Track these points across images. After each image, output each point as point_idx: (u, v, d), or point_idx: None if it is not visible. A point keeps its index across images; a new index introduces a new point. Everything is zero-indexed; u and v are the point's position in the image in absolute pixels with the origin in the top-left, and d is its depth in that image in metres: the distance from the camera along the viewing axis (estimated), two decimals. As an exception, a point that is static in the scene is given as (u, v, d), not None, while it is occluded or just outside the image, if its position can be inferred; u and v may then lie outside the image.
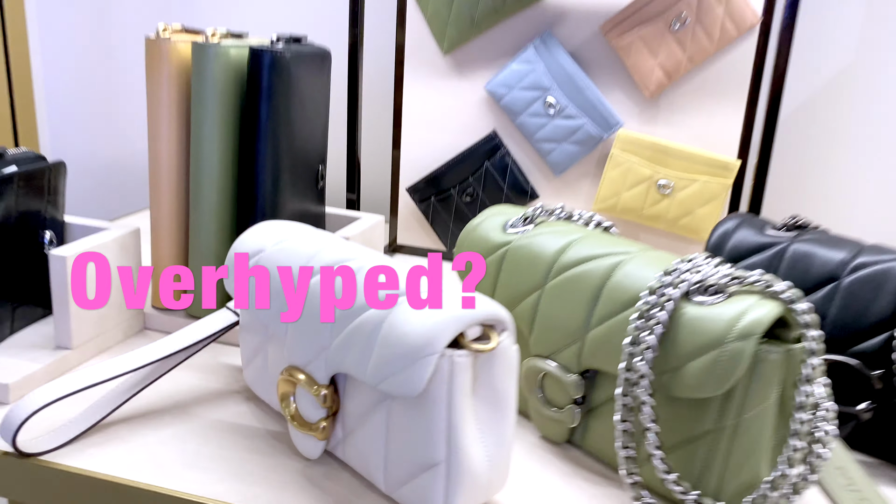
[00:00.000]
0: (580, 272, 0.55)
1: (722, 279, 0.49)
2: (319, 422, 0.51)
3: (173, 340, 0.58)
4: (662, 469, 0.48)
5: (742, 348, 0.45)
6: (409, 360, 0.43)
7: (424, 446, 0.44)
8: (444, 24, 0.92)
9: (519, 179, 0.95)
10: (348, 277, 0.49)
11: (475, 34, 0.92)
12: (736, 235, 0.65)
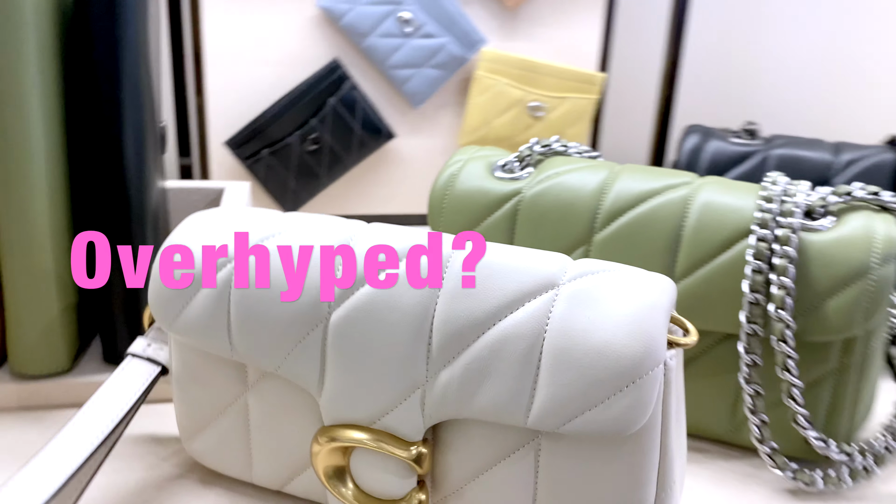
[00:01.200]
0: (644, 214, 0.44)
1: (828, 198, 0.42)
2: (410, 496, 0.34)
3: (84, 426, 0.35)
4: (806, 426, 0.41)
5: (888, 273, 0.40)
6: (625, 382, 0.29)
7: (626, 492, 0.31)
8: (261, -79, 0.71)
9: (371, 117, 0.79)
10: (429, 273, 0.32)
11: (301, -65, 0.72)
12: (709, 148, 0.59)
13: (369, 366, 0.33)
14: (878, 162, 0.56)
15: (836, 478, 0.42)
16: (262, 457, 0.38)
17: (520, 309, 0.31)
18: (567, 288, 0.31)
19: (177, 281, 0.35)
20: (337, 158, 0.79)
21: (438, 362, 0.32)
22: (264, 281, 0.34)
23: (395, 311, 0.32)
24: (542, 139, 0.50)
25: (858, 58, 0.96)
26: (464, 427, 0.33)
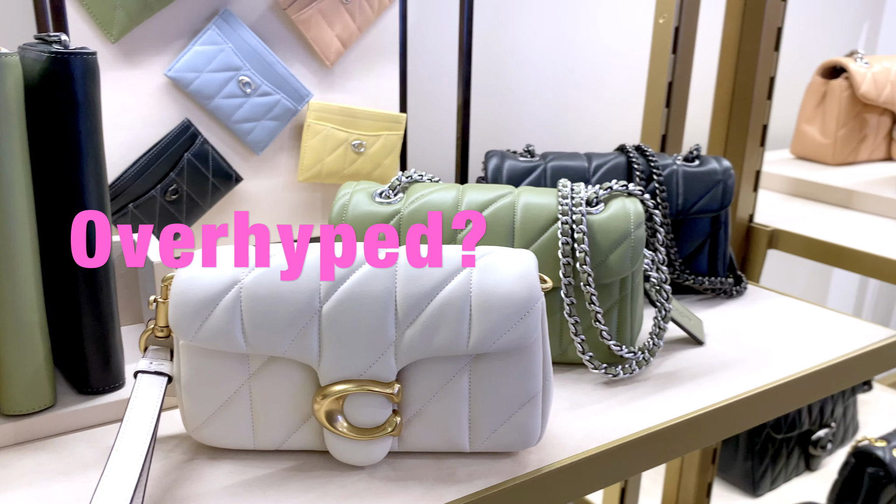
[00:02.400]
0: (489, 215, 0.64)
1: (598, 192, 0.66)
2: (390, 419, 0.50)
3: (133, 436, 0.47)
4: (607, 338, 0.64)
5: (641, 233, 0.64)
6: (521, 314, 0.48)
7: (525, 384, 0.51)
8: (112, 7, 0.80)
9: (222, 165, 0.91)
10: (387, 271, 0.49)
11: (147, 16, 0.83)
12: (506, 166, 0.81)
13: (355, 336, 0.49)
14: (616, 164, 0.82)
15: (629, 368, 0.65)
16: (263, 426, 0.52)
17: (451, 281, 0.49)
18: (478, 263, 0.50)
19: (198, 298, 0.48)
20: (194, 204, 0.90)
21: (404, 324, 0.49)
22: (268, 292, 0.49)
23: (368, 296, 0.49)
24: (404, 172, 0.68)
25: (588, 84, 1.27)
26: (420, 366, 0.50)
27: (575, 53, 1.23)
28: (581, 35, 1.23)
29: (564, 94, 1.24)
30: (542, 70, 1.21)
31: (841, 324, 0.77)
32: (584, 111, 1.27)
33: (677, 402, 0.61)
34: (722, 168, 0.82)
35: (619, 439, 0.56)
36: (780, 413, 0.65)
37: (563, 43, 1.22)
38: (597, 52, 1.25)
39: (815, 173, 1.32)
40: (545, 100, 1.23)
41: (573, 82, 1.25)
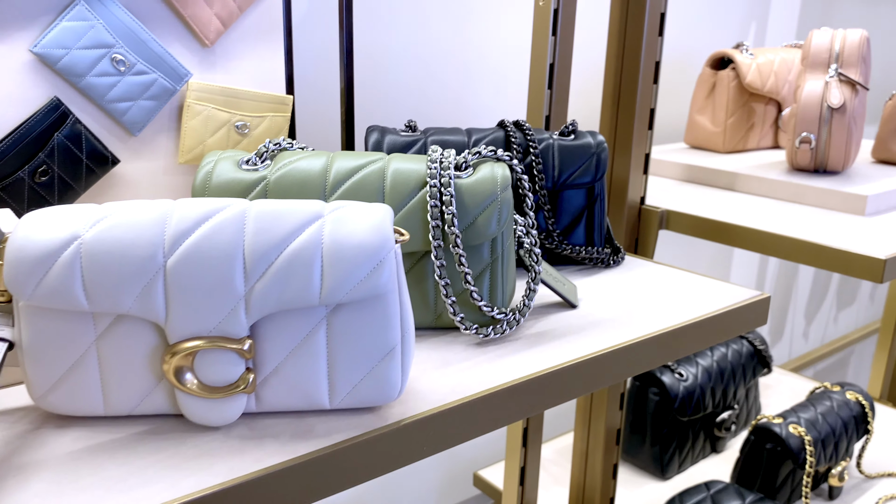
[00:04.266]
0: (357, 181, 0.64)
1: (467, 157, 0.66)
2: (243, 376, 0.49)
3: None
4: (477, 299, 0.65)
5: (507, 196, 0.65)
6: (374, 262, 0.48)
7: (383, 335, 0.51)
8: (-32, -24, 0.76)
9: (97, 146, 0.88)
10: (234, 223, 0.48)
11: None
12: (387, 140, 0.81)
13: (203, 291, 0.47)
14: (494, 138, 0.84)
15: (500, 329, 0.66)
16: (113, 390, 0.50)
17: (303, 233, 0.49)
18: (330, 216, 0.50)
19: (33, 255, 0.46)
20: (67, 186, 0.87)
21: (253, 277, 0.48)
22: (109, 246, 0.47)
23: (214, 250, 0.48)
24: (273, 139, 0.67)
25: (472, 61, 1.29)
26: (276, 321, 0.50)
27: (463, 35, 1.25)
28: (468, 15, 1.25)
29: (451, 76, 1.26)
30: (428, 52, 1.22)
31: (710, 287, 0.81)
32: (469, 93, 1.28)
33: (544, 357, 0.63)
34: (596, 142, 0.84)
35: (482, 392, 0.56)
36: (643, 368, 0.67)
37: (451, 24, 1.23)
38: (483, 33, 1.27)
39: (706, 160, 1.37)
40: (432, 81, 1.24)
41: (459, 64, 1.26)
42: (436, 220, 0.63)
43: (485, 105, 1.31)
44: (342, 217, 0.50)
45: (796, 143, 1.17)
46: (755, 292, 0.79)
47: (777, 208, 1.12)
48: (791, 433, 1.42)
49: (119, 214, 0.48)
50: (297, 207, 0.50)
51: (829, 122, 1.14)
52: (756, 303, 0.78)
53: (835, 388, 1.61)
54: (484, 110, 1.31)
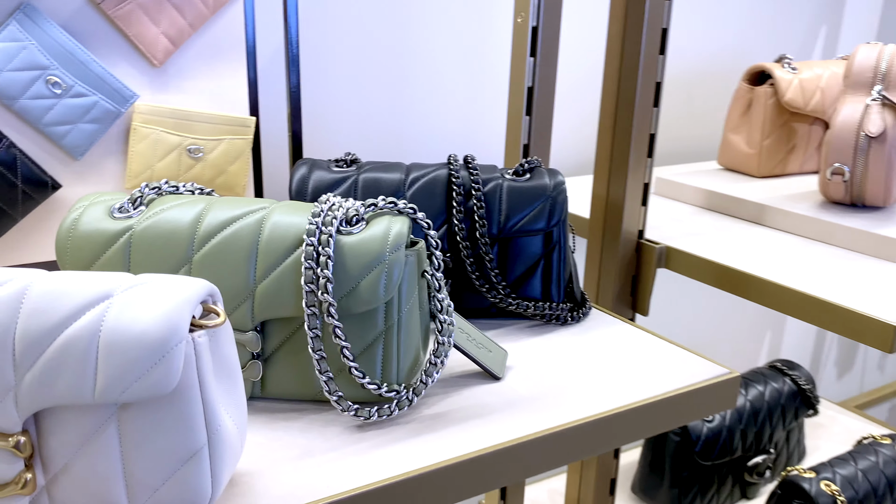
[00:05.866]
0: (228, 235, 0.57)
1: (360, 209, 0.58)
2: (19, 476, 0.43)
3: None
4: (359, 376, 0.56)
5: (398, 257, 0.56)
6: (157, 357, 0.41)
7: (183, 437, 0.43)
8: None
9: (34, 171, 0.84)
10: (9, 303, 0.42)
11: (-68, 10, 0.77)
12: (313, 177, 0.74)
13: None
14: (435, 177, 0.74)
15: (387, 409, 0.57)
16: None
17: (81, 317, 0.42)
18: (120, 297, 0.43)
19: None
20: (3, 213, 0.84)
21: (22, 368, 0.42)
22: None
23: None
24: (151, 182, 0.61)
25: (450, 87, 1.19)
26: (59, 415, 0.43)
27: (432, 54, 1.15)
28: (437, 32, 1.15)
29: (425, 98, 1.16)
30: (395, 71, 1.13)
31: (676, 359, 0.69)
32: (442, 118, 1.19)
33: (424, 450, 0.54)
34: (553, 183, 0.74)
35: (320, 500, 0.48)
36: (553, 465, 0.57)
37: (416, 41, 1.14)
38: (456, 53, 1.17)
39: (734, 186, 1.23)
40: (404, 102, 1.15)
41: (435, 84, 1.17)
42: (310, 285, 0.55)
43: (460, 133, 1.21)
44: (132, 299, 0.42)
45: (828, 174, 1.02)
46: (723, 370, 0.67)
47: (801, 249, 0.98)
48: (822, 490, 1.26)
49: None
50: (87, 284, 0.43)
51: (867, 151, 0.99)
52: (722, 383, 0.66)
53: (884, 439, 1.42)
54: (460, 138, 1.21)
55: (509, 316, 0.77)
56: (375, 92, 1.13)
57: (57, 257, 0.58)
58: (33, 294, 0.42)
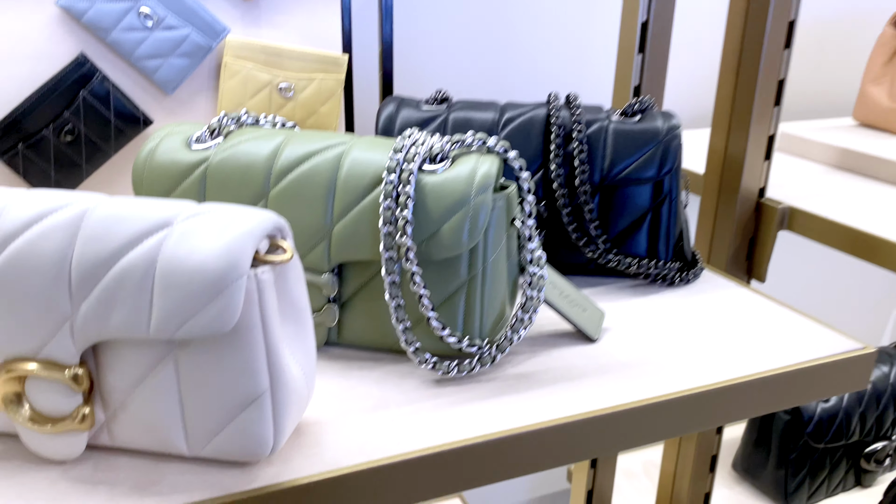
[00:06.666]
0: (306, 171, 0.53)
1: (445, 146, 0.53)
2: (77, 411, 0.41)
3: None
4: (438, 327, 0.52)
5: (484, 200, 0.51)
6: (215, 292, 0.37)
7: (244, 380, 0.40)
8: (-16, -75, 0.74)
9: (126, 105, 0.84)
10: (67, 228, 0.40)
11: (29, -63, 0.76)
12: (400, 116, 0.69)
13: (25, 308, 0.39)
14: (532, 117, 0.68)
15: (467, 365, 0.52)
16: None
17: (138, 246, 0.39)
18: (180, 226, 0.39)
19: None
20: (96, 147, 0.83)
21: (78, 297, 0.39)
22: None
23: (38, 259, 0.39)
24: (230, 113, 0.58)
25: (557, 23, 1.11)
26: (118, 348, 0.41)
27: None
28: None
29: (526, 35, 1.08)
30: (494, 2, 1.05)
31: (798, 329, 0.61)
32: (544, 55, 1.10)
33: (506, 412, 0.49)
34: (666, 126, 0.66)
35: (391, 457, 0.44)
36: (638, 444, 0.51)
37: None
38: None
39: (874, 143, 1.10)
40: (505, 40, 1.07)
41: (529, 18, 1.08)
42: (388, 227, 0.51)
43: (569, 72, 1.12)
44: (192, 228, 0.39)
45: None
46: (856, 345, 0.58)
47: (950, 217, 0.86)
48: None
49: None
50: (146, 211, 0.40)
51: None
52: (854, 360, 0.57)
53: None
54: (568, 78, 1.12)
55: (609, 274, 0.70)
56: (473, 26, 1.07)
57: (133, 188, 0.56)
58: (91, 219, 0.40)
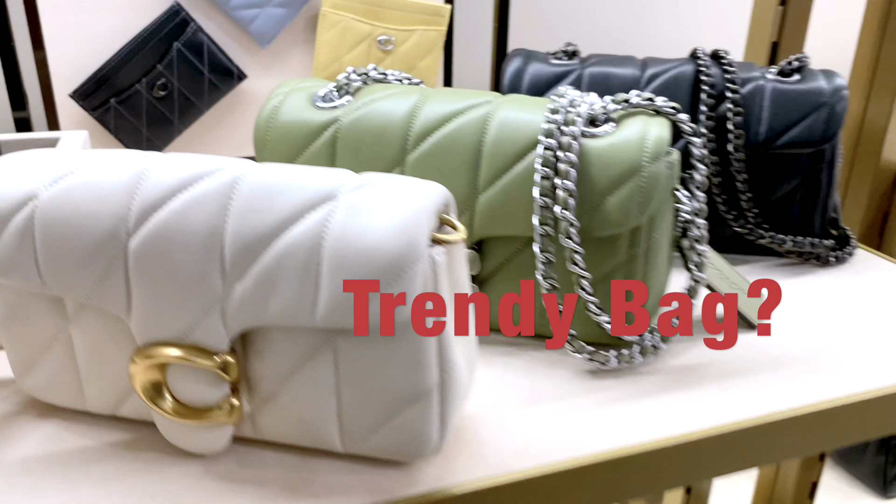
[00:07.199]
0: (448, 134, 0.47)
1: (608, 106, 0.47)
2: (223, 402, 0.37)
3: None
4: (596, 312, 0.46)
5: (657, 170, 0.45)
6: (392, 276, 0.32)
7: (412, 374, 0.35)
8: None
9: (221, 58, 0.79)
10: (218, 197, 0.35)
11: None
12: (529, 70, 0.63)
13: (171, 286, 0.35)
14: (678, 74, 0.61)
15: (628, 356, 0.47)
16: (92, 385, 0.40)
17: (300, 221, 0.34)
18: (345, 199, 0.34)
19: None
20: (189, 103, 0.79)
21: (232, 277, 0.34)
22: (66, 213, 0.36)
23: (186, 233, 0.35)
24: (358, 68, 0.52)
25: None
26: (269, 335, 0.36)
27: None
28: None
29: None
30: None
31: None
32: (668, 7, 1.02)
33: (679, 411, 0.43)
34: (831, 87, 0.59)
35: (567, 462, 0.39)
36: (837, 445, 0.45)
37: None
38: None
39: None
40: None
41: None
42: (545, 199, 0.45)
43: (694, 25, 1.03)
44: (360, 202, 0.34)
45: None
46: None
47: None
48: None
49: (85, 171, 0.37)
50: (307, 180, 0.35)
51: None
52: None
53: None
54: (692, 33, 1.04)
55: (753, 251, 0.64)
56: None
57: (255, 150, 0.51)
58: (244, 189, 0.35)
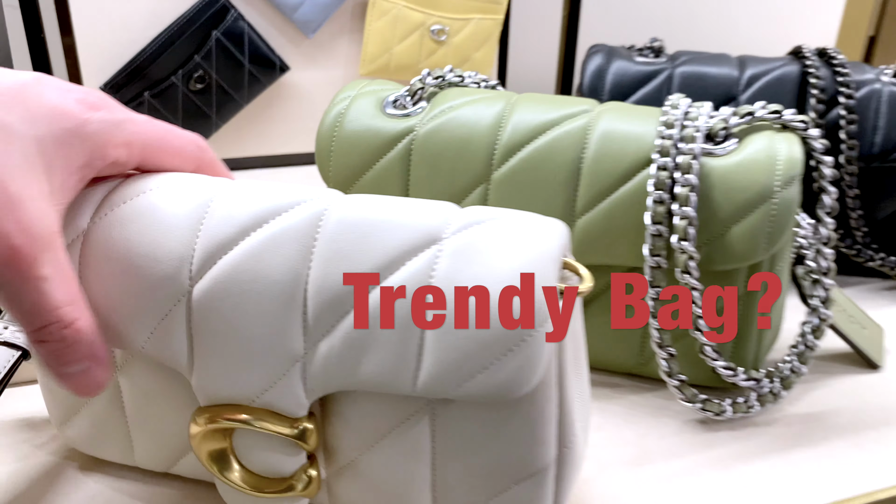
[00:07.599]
0: (541, 148, 0.41)
1: (729, 119, 0.40)
2: (299, 473, 0.32)
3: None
4: (713, 357, 0.41)
5: (790, 196, 0.38)
6: (510, 344, 0.27)
7: (525, 449, 0.30)
8: None
9: (262, 49, 0.73)
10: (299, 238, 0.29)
11: None
12: (613, 69, 0.56)
13: (241, 341, 0.29)
14: (782, 75, 0.55)
15: (744, 404, 0.41)
16: (143, 439, 0.35)
17: (401, 269, 0.28)
18: (451, 242, 0.28)
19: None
20: (227, 97, 0.73)
21: (316, 333, 0.29)
22: (119, 250, 0.30)
23: (262, 279, 0.29)
24: (434, 70, 0.46)
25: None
26: (353, 396, 0.31)
27: None
28: None
29: None
30: None
31: None
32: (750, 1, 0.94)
33: (812, 474, 0.38)
34: (960, 91, 0.52)
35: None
36: None
37: None
38: None
39: None
40: None
41: None
42: (658, 225, 0.39)
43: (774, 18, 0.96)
44: (469, 245, 0.28)
45: None
46: None
47: None
48: None
49: (145, 198, 0.31)
50: (404, 217, 0.29)
51: None
52: None
53: None
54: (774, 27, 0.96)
55: (853, 271, 0.58)
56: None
57: (318, 162, 0.45)
58: (330, 227, 0.29)
